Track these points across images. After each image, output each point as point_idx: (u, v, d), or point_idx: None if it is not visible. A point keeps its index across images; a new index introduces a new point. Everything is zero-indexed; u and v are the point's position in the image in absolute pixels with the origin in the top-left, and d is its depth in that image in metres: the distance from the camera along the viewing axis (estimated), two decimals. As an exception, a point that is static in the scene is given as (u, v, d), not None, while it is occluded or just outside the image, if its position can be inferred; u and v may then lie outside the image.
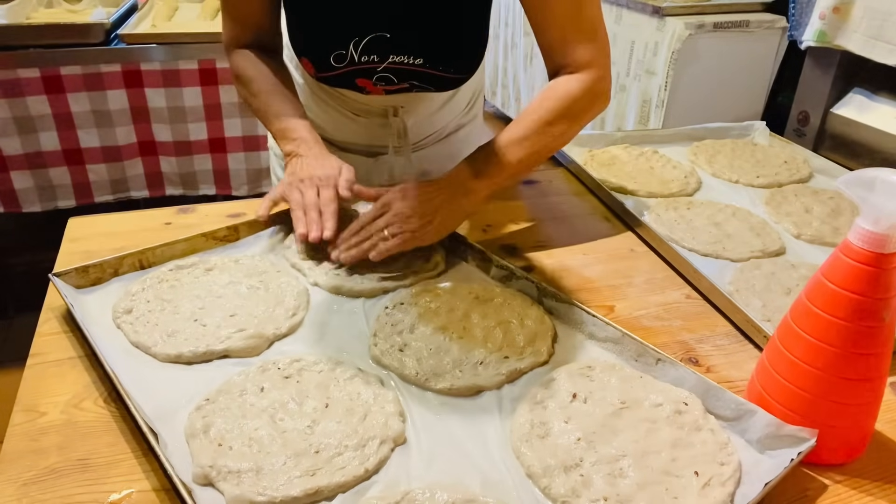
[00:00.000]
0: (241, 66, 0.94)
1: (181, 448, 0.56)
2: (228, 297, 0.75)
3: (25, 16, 1.88)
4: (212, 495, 0.53)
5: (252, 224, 0.88)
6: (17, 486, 0.53)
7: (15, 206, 1.87)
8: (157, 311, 0.72)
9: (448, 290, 0.78)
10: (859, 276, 0.52)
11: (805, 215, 0.99)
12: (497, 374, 0.65)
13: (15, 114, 1.74)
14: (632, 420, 0.60)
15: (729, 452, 0.57)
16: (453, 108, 1.06)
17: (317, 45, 0.89)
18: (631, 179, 1.08)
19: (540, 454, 0.57)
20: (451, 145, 1.10)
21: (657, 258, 0.90)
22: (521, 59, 3.28)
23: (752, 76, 2.35)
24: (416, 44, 0.87)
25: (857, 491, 0.57)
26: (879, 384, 0.56)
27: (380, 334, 0.71)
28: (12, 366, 1.76)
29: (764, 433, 0.57)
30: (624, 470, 0.55)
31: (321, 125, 1.04)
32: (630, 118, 2.51)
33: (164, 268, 0.79)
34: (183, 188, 1.98)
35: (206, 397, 0.61)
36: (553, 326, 0.73)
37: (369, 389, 0.63)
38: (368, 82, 0.92)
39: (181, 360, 0.67)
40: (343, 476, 0.54)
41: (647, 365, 0.66)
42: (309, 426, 0.59)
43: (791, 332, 0.57)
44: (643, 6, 2.31)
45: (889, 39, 1.39)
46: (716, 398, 0.61)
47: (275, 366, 0.65)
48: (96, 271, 0.78)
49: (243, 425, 0.58)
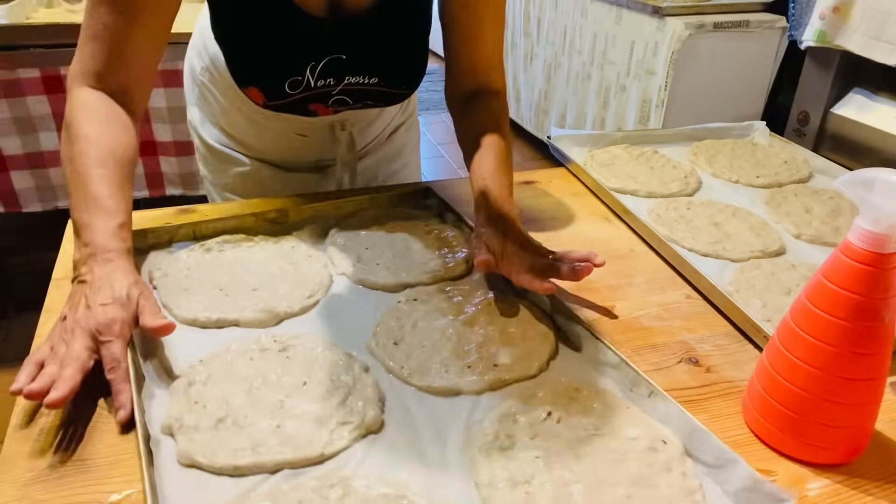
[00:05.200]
0: (83, 117, 0.72)
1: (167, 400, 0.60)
2: (258, 273, 0.79)
3: (25, 16, 1.88)
4: (171, 447, 0.56)
5: (300, 209, 0.91)
6: (18, 487, 0.53)
7: (15, 206, 1.87)
8: (192, 277, 0.77)
9: (463, 292, 0.77)
10: (859, 276, 0.52)
11: (805, 215, 0.99)
12: (479, 381, 0.64)
13: (15, 114, 1.74)
14: (600, 448, 0.57)
15: (695, 500, 0.52)
16: (392, 109, 1.07)
17: (270, 74, 0.83)
18: (631, 179, 1.08)
19: (493, 465, 0.55)
20: (392, 144, 1.11)
21: (657, 258, 0.90)
22: (521, 59, 3.28)
23: (752, 76, 2.36)
24: (372, 63, 0.87)
25: (857, 491, 0.57)
26: (879, 384, 0.56)
27: (381, 326, 0.71)
28: (12, 366, 1.76)
29: (742, 486, 0.52)
30: (572, 496, 0.52)
31: (260, 149, 1.01)
32: (630, 118, 2.51)
33: (214, 240, 0.84)
34: (183, 188, 1.97)
35: (200, 358, 0.64)
36: (555, 344, 0.70)
37: (350, 375, 0.63)
38: (321, 106, 0.90)
39: (196, 324, 0.71)
40: (292, 454, 0.54)
41: (640, 396, 0.62)
42: (281, 400, 0.59)
43: (791, 332, 0.57)
44: (643, 6, 2.32)
45: (889, 39, 1.39)
46: (699, 441, 0.56)
47: (272, 339, 0.67)
48: (154, 237, 0.84)
49: (223, 388, 0.60)
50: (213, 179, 1.05)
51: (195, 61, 0.99)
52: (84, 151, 0.70)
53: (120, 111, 0.76)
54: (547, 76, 3.07)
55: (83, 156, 0.70)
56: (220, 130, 1.01)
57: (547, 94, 3.11)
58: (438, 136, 3.64)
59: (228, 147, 1.02)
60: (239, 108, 0.96)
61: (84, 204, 0.68)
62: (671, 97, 2.30)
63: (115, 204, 0.68)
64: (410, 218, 0.93)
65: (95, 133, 0.72)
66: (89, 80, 0.75)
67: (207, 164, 1.05)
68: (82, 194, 0.68)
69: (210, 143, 1.03)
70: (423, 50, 0.92)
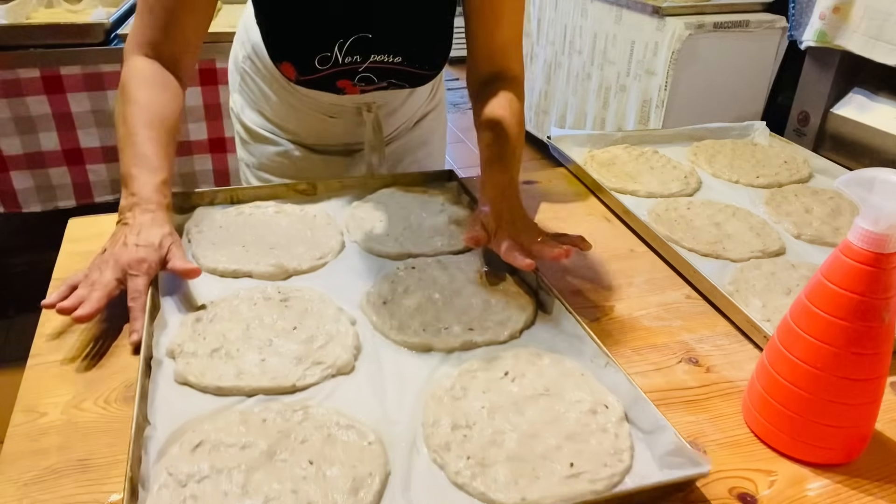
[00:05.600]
0: (137, 83, 0.83)
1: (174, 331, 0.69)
2: (279, 235, 0.86)
3: (25, 16, 1.88)
4: (171, 367, 0.64)
5: (328, 184, 0.99)
6: (18, 487, 0.53)
7: (15, 206, 1.87)
8: (221, 234, 0.86)
9: (458, 265, 0.82)
10: (859, 276, 0.52)
11: (805, 215, 0.99)
12: (452, 341, 0.69)
13: (15, 114, 1.74)
14: (544, 406, 0.61)
15: (620, 459, 0.55)
16: (419, 97, 1.11)
17: (302, 49, 0.90)
18: (631, 179, 1.08)
19: (441, 409, 0.60)
20: (419, 132, 1.15)
21: (657, 258, 0.90)
22: (521, 59, 3.28)
23: (752, 76, 2.36)
24: (396, 43, 0.91)
25: (857, 491, 0.57)
26: (879, 384, 0.56)
27: (375, 287, 0.77)
28: (12, 366, 1.76)
29: (667, 450, 0.55)
30: (504, 442, 0.57)
31: (295, 130, 1.06)
32: (630, 118, 2.51)
33: (247, 205, 0.92)
34: (183, 188, 1.97)
35: (211, 300, 0.73)
36: (533, 316, 0.74)
37: (336, 325, 0.69)
38: (349, 83, 0.95)
39: (216, 273, 0.79)
40: (268, 382, 0.62)
41: (597, 366, 0.66)
42: (270, 339, 0.67)
43: (791, 332, 0.57)
44: (643, 6, 2.32)
45: (889, 39, 1.39)
46: (640, 409, 0.59)
47: (276, 290, 0.75)
48: (197, 199, 0.93)
49: (224, 326, 0.69)
50: (249, 161, 1.11)
51: (238, 51, 1.07)
52: (135, 114, 0.80)
53: (169, 78, 0.86)
54: (547, 76, 3.07)
55: (135, 118, 0.80)
56: (259, 114, 1.07)
57: (547, 94, 3.11)
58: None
59: (266, 130, 1.08)
60: (276, 92, 1.03)
61: (133, 160, 0.79)
62: (671, 97, 2.30)
63: (160, 162, 0.79)
64: (429, 198, 0.99)
65: (146, 98, 0.82)
66: (144, 48, 0.85)
67: (247, 146, 1.11)
68: (132, 151, 0.79)
69: (250, 127, 1.09)
70: (446, 31, 0.95)
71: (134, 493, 0.51)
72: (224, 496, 0.51)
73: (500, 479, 0.53)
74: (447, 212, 0.94)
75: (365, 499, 0.51)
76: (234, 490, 0.51)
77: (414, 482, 0.54)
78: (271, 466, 0.54)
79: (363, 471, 0.53)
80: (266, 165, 1.09)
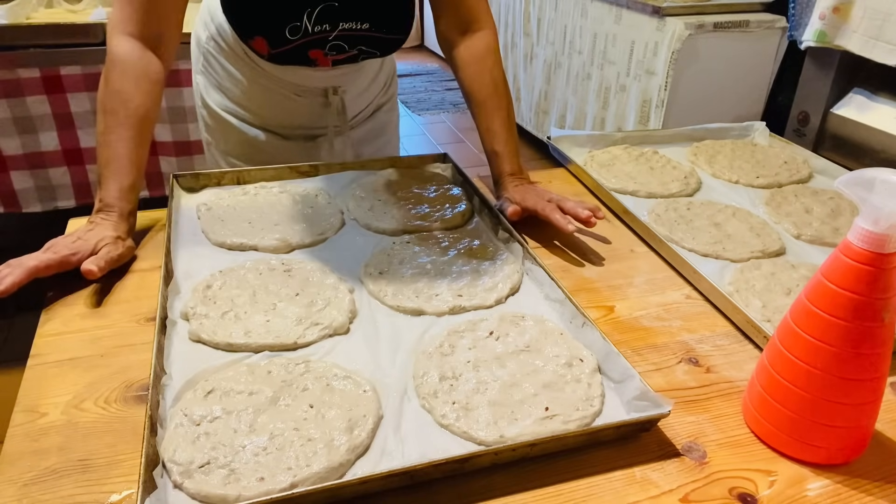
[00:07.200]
0: (119, 72, 0.86)
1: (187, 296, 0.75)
2: (282, 212, 0.93)
3: (25, 16, 1.88)
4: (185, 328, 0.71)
5: (330, 166, 1.06)
6: (18, 487, 0.53)
7: (15, 206, 1.87)
8: (228, 212, 0.92)
9: (452, 239, 0.88)
10: (859, 276, 0.52)
11: (805, 216, 0.99)
12: (442, 305, 0.75)
13: (15, 114, 1.74)
14: (524, 360, 0.67)
15: (591, 404, 0.61)
16: (377, 86, 1.18)
17: (272, 20, 0.94)
18: (631, 179, 1.08)
19: (430, 363, 0.66)
20: (376, 121, 1.21)
21: (657, 258, 0.90)
22: (521, 59, 3.28)
23: (752, 76, 2.36)
24: (362, 9, 0.97)
25: (857, 491, 0.57)
26: (879, 384, 0.56)
27: (373, 258, 0.83)
28: (12, 366, 1.76)
29: (633, 395, 0.61)
30: (487, 390, 0.63)
31: (258, 111, 1.09)
32: (630, 118, 2.51)
33: (252, 185, 1.00)
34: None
35: (221, 269, 0.79)
36: (518, 283, 0.80)
37: (335, 293, 0.75)
38: (320, 53, 0.99)
39: (224, 246, 0.86)
40: (273, 340, 0.68)
41: (576, 326, 0.71)
42: (274, 304, 0.74)
43: (791, 332, 0.57)
44: (643, 6, 2.32)
45: (889, 39, 1.39)
46: (612, 362, 0.65)
47: (280, 262, 0.81)
48: (205, 179, 1.00)
49: (232, 292, 0.75)
50: (216, 145, 1.14)
51: (201, 32, 1.09)
52: (115, 109, 0.85)
53: (151, 60, 0.89)
54: (547, 76, 3.07)
55: (114, 113, 0.84)
56: (223, 95, 1.10)
57: (547, 94, 3.11)
58: (439, 136, 3.64)
59: (229, 112, 1.10)
60: (241, 71, 1.06)
61: (107, 161, 0.84)
62: (671, 97, 2.30)
63: (130, 165, 0.84)
64: (425, 178, 1.05)
65: (128, 90, 0.86)
66: (126, 25, 0.87)
67: (210, 130, 1.13)
68: (107, 152, 0.84)
69: (213, 109, 1.11)
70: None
71: (153, 430, 0.56)
72: (233, 433, 0.57)
73: (481, 420, 0.60)
74: (441, 190, 1.01)
75: (359, 436, 0.57)
76: (243, 428, 0.58)
77: (404, 424, 0.60)
78: (275, 410, 0.60)
79: (358, 413, 0.59)
80: (231, 151, 1.12)
